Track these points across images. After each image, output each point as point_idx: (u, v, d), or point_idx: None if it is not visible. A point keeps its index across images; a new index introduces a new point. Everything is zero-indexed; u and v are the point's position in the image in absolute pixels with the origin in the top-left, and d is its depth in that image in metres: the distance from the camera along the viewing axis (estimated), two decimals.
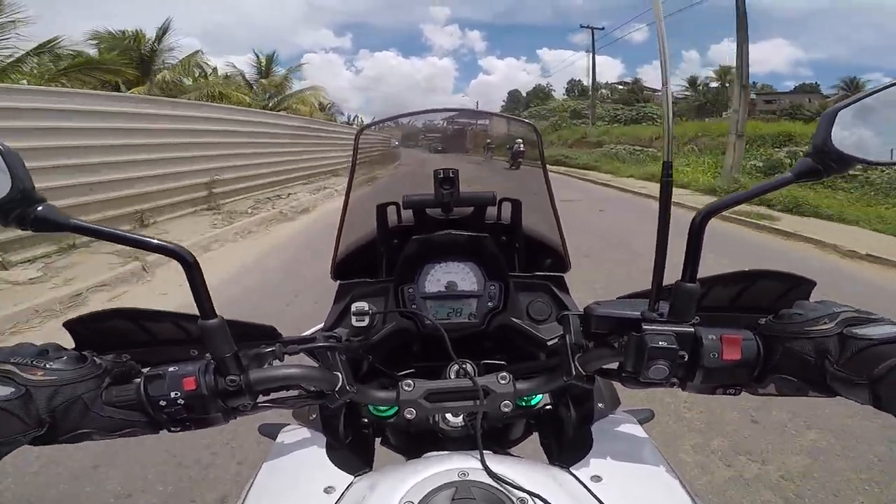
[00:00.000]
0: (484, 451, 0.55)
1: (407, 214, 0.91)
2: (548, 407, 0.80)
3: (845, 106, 0.48)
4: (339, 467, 0.60)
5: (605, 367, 0.57)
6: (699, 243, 0.49)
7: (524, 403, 0.79)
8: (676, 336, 0.50)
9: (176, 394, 0.49)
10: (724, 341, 0.50)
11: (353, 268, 0.89)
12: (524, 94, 57.06)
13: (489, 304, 0.83)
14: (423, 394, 0.63)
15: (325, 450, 0.65)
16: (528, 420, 0.85)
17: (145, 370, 0.52)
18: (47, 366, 0.46)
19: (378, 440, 0.85)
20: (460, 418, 0.73)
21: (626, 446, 0.63)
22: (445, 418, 0.74)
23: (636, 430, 0.68)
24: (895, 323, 0.46)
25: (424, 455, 0.63)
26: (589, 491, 0.53)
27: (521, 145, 0.98)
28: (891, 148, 0.48)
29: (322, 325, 0.82)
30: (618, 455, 0.60)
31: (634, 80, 44.56)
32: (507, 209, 0.91)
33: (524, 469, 0.53)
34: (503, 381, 0.64)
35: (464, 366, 0.73)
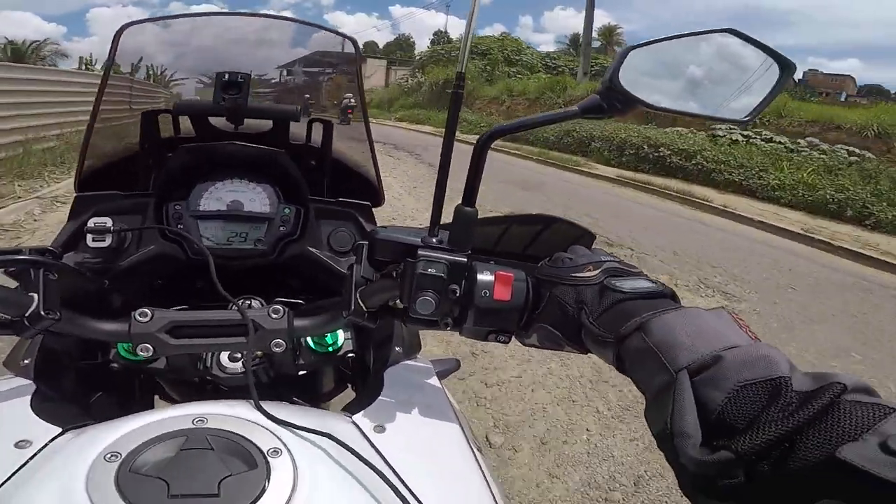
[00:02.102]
0: (261, 401, 0.45)
1: (186, 126, 0.74)
2: (351, 354, 0.72)
3: (637, 47, 0.47)
4: (44, 419, 0.47)
5: (391, 303, 0.50)
6: (480, 166, 0.45)
7: (321, 348, 0.70)
8: (449, 265, 0.44)
9: None
10: (498, 278, 0.46)
11: (103, 182, 0.71)
12: (380, 47, 53.37)
13: (281, 228, 0.73)
14: (165, 325, 0.50)
15: (28, 399, 0.51)
16: (340, 369, 0.76)
17: None
18: None
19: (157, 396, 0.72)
20: (240, 364, 0.63)
21: (417, 395, 0.59)
22: (220, 363, 0.63)
23: (430, 378, 0.64)
24: (651, 279, 0.44)
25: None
26: (369, 441, 0.48)
27: (352, 99, 0.85)
28: (673, 96, 0.49)
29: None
30: (405, 405, 0.55)
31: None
32: (316, 132, 0.80)
33: (298, 417, 0.45)
34: (275, 316, 0.53)
35: (246, 301, 0.62)
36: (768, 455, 0.27)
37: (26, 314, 0.44)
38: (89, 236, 0.61)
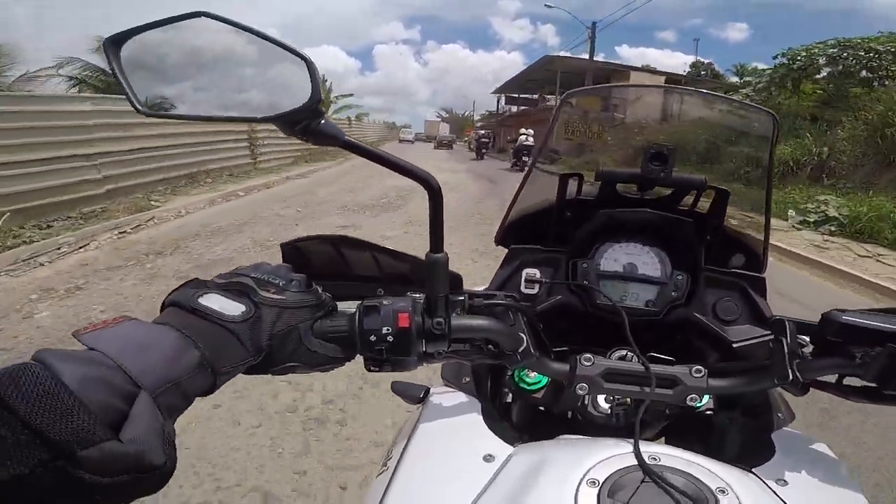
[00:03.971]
0: (648, 443, 0.51)
1: (587, 188, 0.85)
2: (709, 412, 0.75)
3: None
4: (497, 435, 0.58)
5: (821, 378, 0.55)
6: None
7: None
8: None
9: (388, 329, 0.48)
10: None
11: (519, 236, 0.86)
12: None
13: (672, 293, 0.77)
14: (602, 371, 0.60)
15: (481, 416, 0.63)
16: (669, 421, 0.77)
17: (359, 302, 0.51)
18: (280, 284, 0.47)
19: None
20: (608, 406, 0.69)
21: (813, 460, 0.59)
22: (596, 402, 0.70)
23: (822, 447, 0.62)
24: None
25: (559, 437, 0.60)
26: (775, 493, 0.50)
27: (529, 138, 0.86)
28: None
29: (487, 286, 0.81)
30: (803, 467, 0.56)
31: None
32: (704, 197, 0.81)
33: (708, 462, 0.49)
34: (697, 375, 0.59)
35: (636, 352, 0.68)
36: None
37: (520, 350, 0.57)
38: (524, 283, 0.76)
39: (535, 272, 0.76)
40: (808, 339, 0.58)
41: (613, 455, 0.48)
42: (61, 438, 0.27)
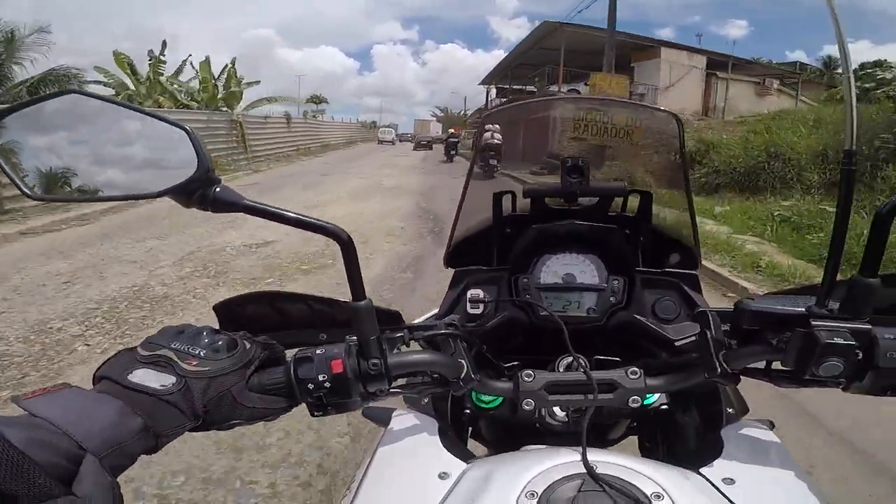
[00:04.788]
0: (595, 449, 0.52)
1: (522, 204, 0.88)
2: (663, 406, 0.76)
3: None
4: (451, 453, 0.60)
5: (750, 365, 0.56)
6: (884, 237, 0.45)
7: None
8: (852, 333, 0.47)
9: (324, 376, 0.49)
10: None
11: (464, 256, 0.88)
12: None
13: (611, 298, 0.79)
14: (544, 385, 0.61)
15: (437, 435, 0.64)
16: (632, 421, 0.81)
17: (290, 353, 0.53)
18: (201, 354, 0.47)
19: (469, 430, 0.84)
20: (564, 413, 0.71)
21: (760, 452, 0.59)
22: (552, 412, 0.72)
23: (770, 436, 0.63)
24: None
25: (523, 448, 0.61)
26: (721, 493, 0.50)
27: (496, 135, 0.91)
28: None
29: (435, 311, 0.83)
30: (750, 460, 0.57)
31: None
32: (631, 201, 0.85)
33: (648, 466, 0.50)
34: (633, 377, 0.60)
35: (578, 360, 0.70)
36: None
37: (461, 376, 0.58)
38: (469, 305, 0.78)
39: (478, 292, 0.78)
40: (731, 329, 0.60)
41: (554, 465, 0.50)
42: (20, 494, 0.29)
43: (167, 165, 0.44)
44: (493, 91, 32.05)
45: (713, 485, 0.52)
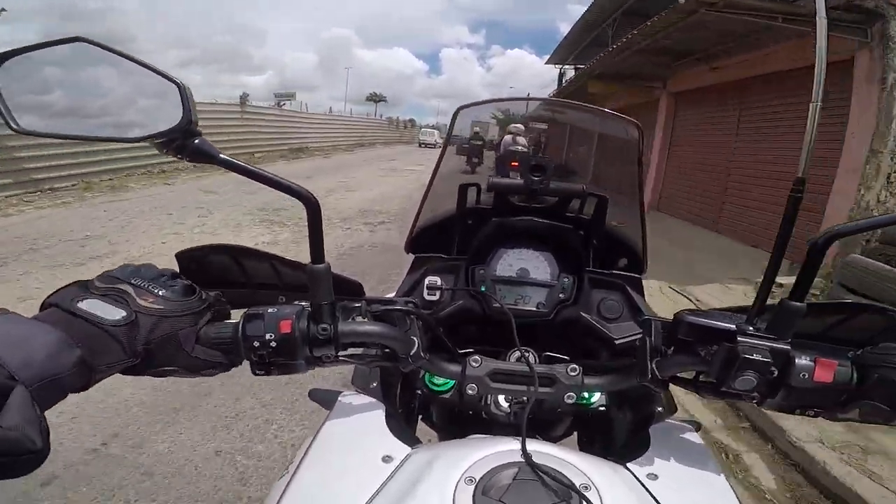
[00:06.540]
0: (535, 440, 0.55)
1: (486, 197, 0.90)
2: (602, 408, 0.79)
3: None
4: (397, 437, 0.60)
5: (679, 374, 0.58)
6: (815, 266, 0.48)
7: (582, 401, 0.78)
8: (771, 351, 0.50)
9: (271, 336, 0.50)
10: (819, 363, 0.50)
11: (426, 243, 0.90)
12: None
13: (560, 295, 0.83)
14: (489, 372, 0.64)
15: (384, 419, 0.64)
16: (574, 419, 0.84)
17: (244, 310, 0.53)
18: (159, 293, 0.47)
19: (419, 416, 0.86)
20: (508, 405, 0.74)
21: (683, 451, 0.63)
22: (498, 402, 0.74)
23: (693, 437, 0.68)
24: None
25: (470, 436, 0.63)
26: (645, 487, 0.54)
27: (519, 138, 0.94)
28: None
29: (394, 293, 0.84)
30: (674, 458, 0.60)
31: None
32: (588, 203, 0.88)
33: (581, 458, 0.53)
34: (572, 373, 0.64)
35: (526, 353, 0.73)
36: None
37: (411, 353, 0.60)
38: (426, 291, 0.80)
39: (436, 279, 0.80)
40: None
41: (494, 453, 0.52)
42: None
43: (156, 115, 0.46)
44: (571, 72, 18.59)
45: (638, 479, 0.55)
